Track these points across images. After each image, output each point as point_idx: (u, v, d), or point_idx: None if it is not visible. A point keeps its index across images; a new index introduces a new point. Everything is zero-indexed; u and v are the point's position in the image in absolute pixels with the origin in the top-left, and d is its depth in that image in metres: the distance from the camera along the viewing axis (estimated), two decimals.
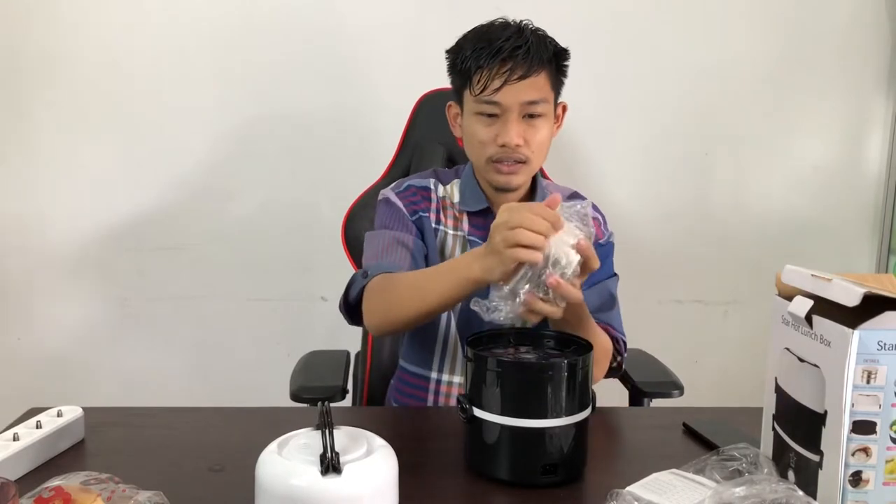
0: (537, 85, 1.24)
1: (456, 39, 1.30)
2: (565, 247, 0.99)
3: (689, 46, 2.10)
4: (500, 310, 1.01)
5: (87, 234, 2.07)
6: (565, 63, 1.30)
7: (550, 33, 1.30)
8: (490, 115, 1.24)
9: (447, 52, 1.31)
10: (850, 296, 0.76)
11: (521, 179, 1.28)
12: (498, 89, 1.22)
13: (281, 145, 2.06)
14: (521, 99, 1.22)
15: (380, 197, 1.39)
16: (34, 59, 2.00)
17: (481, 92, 1.23)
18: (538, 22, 1.29)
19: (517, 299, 1.00)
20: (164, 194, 2.06)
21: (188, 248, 2.09)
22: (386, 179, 1.60)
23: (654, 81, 2.10)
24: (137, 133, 2.04)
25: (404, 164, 1.63)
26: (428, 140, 1.62)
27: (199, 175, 2.06)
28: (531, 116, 1.25)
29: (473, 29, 1.28)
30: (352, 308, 1.27)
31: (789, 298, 0.87)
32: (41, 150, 2.04)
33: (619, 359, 1.31)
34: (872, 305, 0.75)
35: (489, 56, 1.21)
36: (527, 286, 1.00)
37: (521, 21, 1.27)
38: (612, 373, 1.33)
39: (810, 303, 0.83)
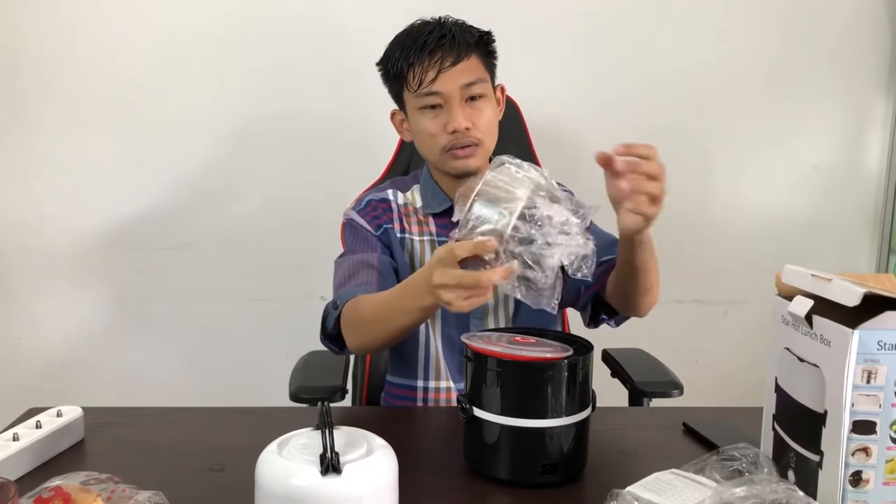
0: (471, 67, 1.27)
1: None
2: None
3: (689, 46, 2.10)
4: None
5: (87, 234, 2.07)
6: (492, 46, 1.33)
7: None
8: (433, 107, 1.27)
9: (377, 64, 1.35)
10: (850, 296, 0.76)
11: (478, 162, 1.30)
12: (434, 80, 1.25)
13: (281, 145, 2.06)
14: (459, 83, 1.26)
15: (343, 219, 1.41)
16: (34, 59, 2.00)
17: (419, 86, 1.26)
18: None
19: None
20: (164, 194, 2.06)
21: (188, 248, 2.09)
22: (385, 179, 1.59)
23: (653, 80, 2.10)
24: (137, 133, 2.04)
25: (403, 163, 1.62)
26: None
27: (199, 175, 2.06)
28: (472, 99, 1.28)
29: (396, 36, 1.32)
30: (332, 337, 1.27)
31: (789, 298, 0.87)
32: (41, 150, 2.04)
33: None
34: (872, 305, 0.75)
35: (417, 51, 1.25)
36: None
37: (440, 17, 1.30)
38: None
39: (810, 303, 0.83)
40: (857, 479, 0.79)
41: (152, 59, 2.01)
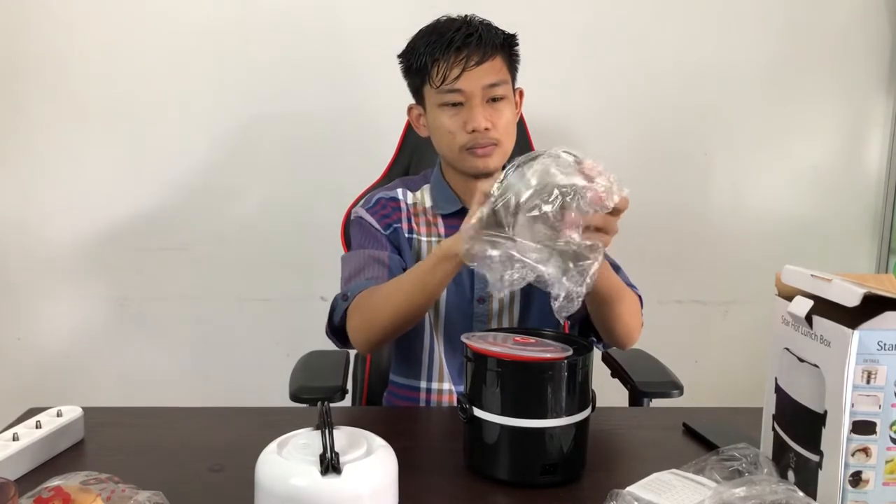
0: (495, 68, 1.27)
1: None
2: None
3: (688, 46, 2.10)
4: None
5: (87, 234, 2.07)
6: (516, 49, 1.33)
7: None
8: (454, 105, 1.27)
9: (399, 56, 1.34)
10: (850, 296, 0.76)
11: (497, 161, 1.29)
12: (458, 77, 1.24)
13: (281, 145, 2.06)
14: (482, 83, 1.25)
15: (352, 217, 1.41)
16: (34, 58, 2.00)
17: (442, 83, 1.25)
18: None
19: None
20: (164, 194, 2.06)
21: (188, 248, 2.09)
22: (385, 179, 1.59)
23: (653, 81, 2.10)
24: (137, 133, 2.04)
25: (403, 163, 1.62)
26: (426, 140, 1.62)
27: (199, 175, 2.06)
28: (493, 100, 1.27)
29: (420, 30, 1.31)
30: (337, 331, 1.28)
31: (789, 298, 0.87)
32: (41, 150, 2.03)
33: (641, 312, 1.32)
34: (872, 305, 0.75)
35: (443, 48, 1.25)
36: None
37: (466, 15, 1.30)
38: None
39: (810, 303, 0.83)
40: (856, 479, 0.79)
41: (152, 58, 2.01)
